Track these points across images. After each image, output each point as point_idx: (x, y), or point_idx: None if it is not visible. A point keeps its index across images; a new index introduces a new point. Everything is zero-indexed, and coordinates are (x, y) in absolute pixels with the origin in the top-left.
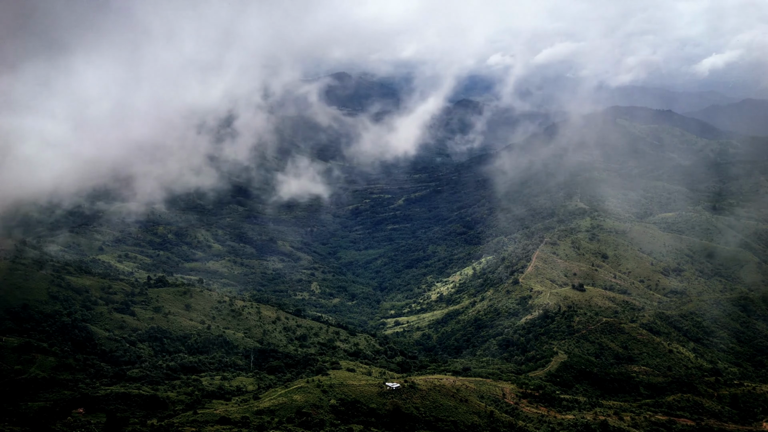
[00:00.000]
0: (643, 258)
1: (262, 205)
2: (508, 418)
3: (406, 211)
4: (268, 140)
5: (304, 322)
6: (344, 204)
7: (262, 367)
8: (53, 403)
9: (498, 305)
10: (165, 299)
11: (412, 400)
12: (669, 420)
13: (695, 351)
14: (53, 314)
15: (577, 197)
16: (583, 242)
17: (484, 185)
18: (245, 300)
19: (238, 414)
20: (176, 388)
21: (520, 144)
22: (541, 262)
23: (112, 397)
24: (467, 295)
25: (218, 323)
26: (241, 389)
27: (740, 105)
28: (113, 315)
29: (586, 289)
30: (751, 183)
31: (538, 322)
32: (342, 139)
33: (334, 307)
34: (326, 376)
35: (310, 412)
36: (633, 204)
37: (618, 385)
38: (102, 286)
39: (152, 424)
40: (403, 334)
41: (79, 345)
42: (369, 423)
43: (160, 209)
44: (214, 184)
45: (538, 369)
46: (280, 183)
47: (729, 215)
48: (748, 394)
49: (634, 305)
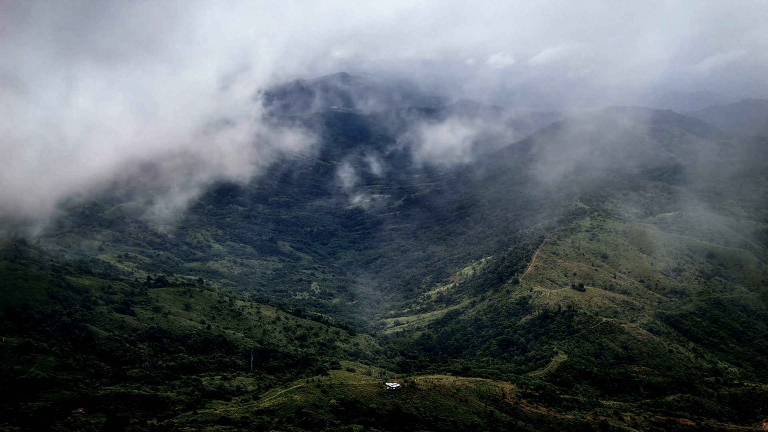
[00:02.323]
0: (643, 258)
1: (263, 204)
2: (508, 418)
3: (406, 211)
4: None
5: (304, 322)
6: (344, 204)
7: (262, 367)
8: (53, 403)
9: (498, 305)
10: (165, 299)
11: (412, 400)
12: (669, 420)
13: (695, 351)
14: (53, 314)
15: (577, 197)
16: (583, 242)
17: (484, 185)
18: (245, 300)
19: (238, 414)
20: (176, 388)
21: (520, 144)
22: (541, 262)
23: (112, 397)
24: (467, 295)
25: (218, 323)
26: (241, 389)
27: (740, 105)
28: (113, 315)
29: (586, 289)
30: (751, 183)
31: (538, 322)
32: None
33: (334, 307)
34: (326, 376)
35: (310, 412)
36: (633, 204)
37: (618, 385)
38: (102, 286)
39: (152, 424)
40: (403, 334)
41: (79, 345)
42: (369, 423)
43: (160, 209)
44: (214, 184)
45: (538, 369)
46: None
47: (729, 215)
48: (748, 394)
49: (634, 305)
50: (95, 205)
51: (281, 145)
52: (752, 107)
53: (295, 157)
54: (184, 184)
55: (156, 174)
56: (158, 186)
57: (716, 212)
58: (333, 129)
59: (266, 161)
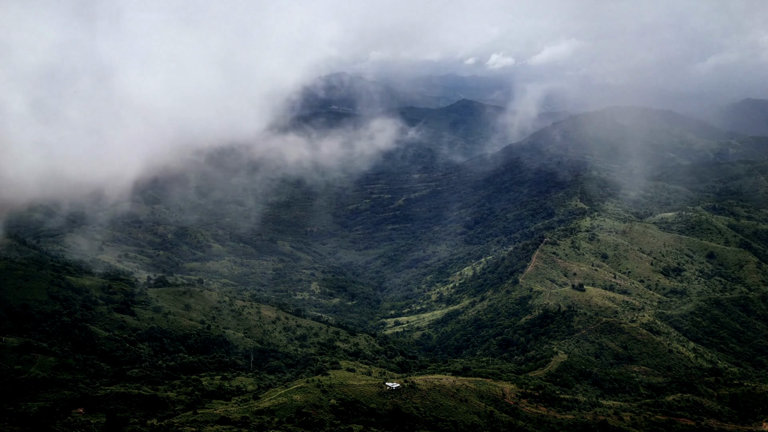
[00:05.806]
0: (643, 258)
1: (264, 204)
2: (507, 418)
3: (406, 211)
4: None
5: (304, 322)
6: (344, 204)
7: (262, 367)
8: (53, 403)
9: (498, 305)
10: (165, 299)
11: (412, 400)
12: (669, 420)
13: (695, 351)
14: (53, 314)
15: (577, 197)
16: (583, 242)
17: (484, 185)
18: (245, 300)
19: (238, 414)
20: (176, 388)
21: (520, 144)
22: (541, 262)
23: (112, 397)
24: (467, 295)
25: (218, 323)
26: (241, 389)
27: (740, 105)
28: (113, 315)
29: (586, 289)
30: (751, 183)
31: (538, 322)
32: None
33: (334, 307)
34: (326, 376)
35: (310, 412)
36: (633, 204)
37: (618, 385)
38: (102, 286)
39: (152, 424)
40: (402, 334)
41: (79, 345)
42: (369, 423)
43: (160, 209)
44: (215, 184)
45: (538, 369)
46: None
47: (729, 215)
48: (748, 394)
49: (634, 305)
50: (95, 205)
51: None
52: (753, 107)
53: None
54: (185, 183)
55: (156, 174)
56: (158, 186)
57: (716, 212)
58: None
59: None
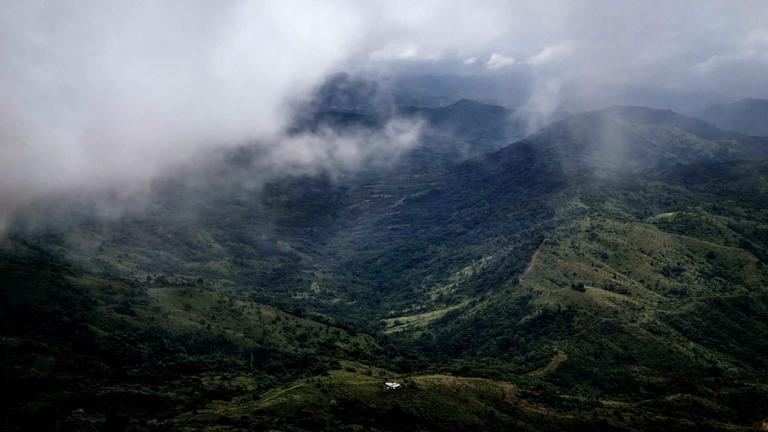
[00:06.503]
0: (643, 258)
1: (263, 204)
2: (507, 418)
3: (406, 211)
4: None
5: (304, 322)
6: (344, 204)
7: (262, 367)
8: (53, 403)
9: (498, 305)
10: (165, 299)
11: (412, 400)
12: (669, 420)
13: (695, 351)
14: (53, 314)
15: (577, 197)
16: (583, 242)
17: (483, 185)
18: (245, 300)
19: (238, 414)
20: (176, 388)
21: (520, 143)
22: (541, 262)
23: (112, 397)
24: (467, 295)
25: (218, 323)
26: (241, 389)
27: (740, 105)
28: (113, 315)
29: (586, 289)
30: (750, 183)
31: (538, 322)
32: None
33: (334, 307)
34: (326, 376)
35: (310, 412)
36: (633, 204)
37: (618, 385)
38: (102, 286)
39: (152, 424)
40: (403, 334)
41: (79, 345)
42: (369, 423)
43: (160, 209)
44: (214, 184)
45: (538, 369)
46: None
47: (729, 215)
48: (748, 394)
49: (634, 305)
50: (95, 205)
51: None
52: (753, 107)
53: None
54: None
55: (156, 174)
56: (157, 186)
57: (716, 212)
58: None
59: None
